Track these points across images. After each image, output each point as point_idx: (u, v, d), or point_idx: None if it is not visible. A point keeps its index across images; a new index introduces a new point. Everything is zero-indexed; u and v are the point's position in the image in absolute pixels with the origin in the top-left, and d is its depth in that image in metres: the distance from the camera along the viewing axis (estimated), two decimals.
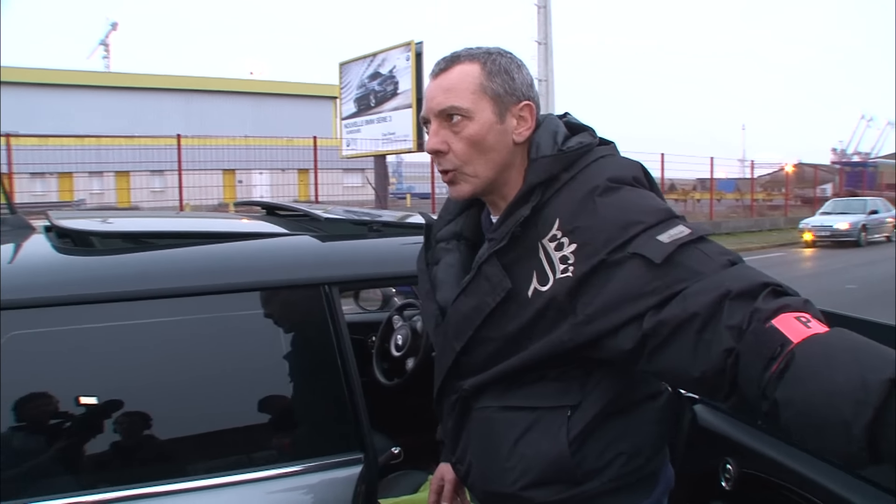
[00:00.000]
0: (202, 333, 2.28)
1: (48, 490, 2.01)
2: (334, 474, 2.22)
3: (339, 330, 2.32)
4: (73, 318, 2.13)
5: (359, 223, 2.75)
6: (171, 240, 2.46)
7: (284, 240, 2.58)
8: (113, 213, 3.87)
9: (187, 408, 2.23)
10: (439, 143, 1.79)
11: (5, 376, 1.98)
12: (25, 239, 2.53)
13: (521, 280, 1.73)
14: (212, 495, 2.12)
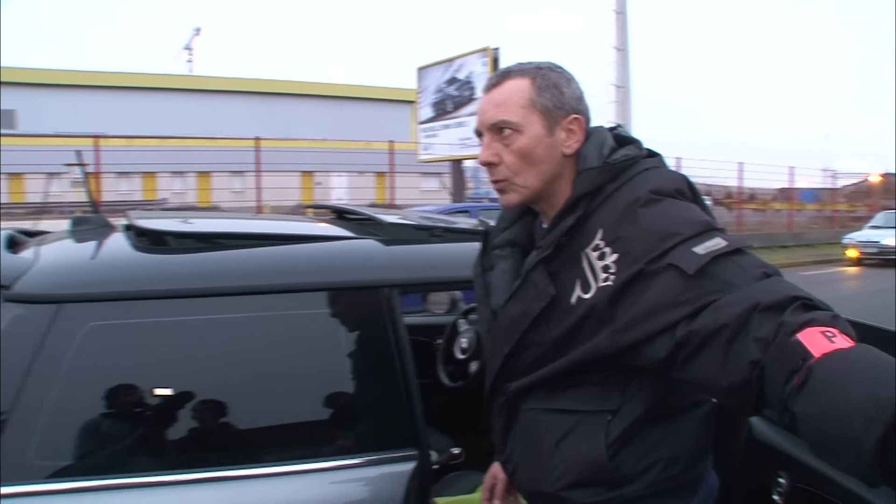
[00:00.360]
0: (269, 330, 2.39)
1: (126, 469, 2.17)
2: (389, 469, 2.31)
3: (399, 331, 2.41)
4: (146, 311, 2.27)
5: (421, 228, 2.82)
6: (241, 240, 2.58)
7: (349, 243, 2.68)
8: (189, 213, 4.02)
9: (253, 400, 2.35)
10: (491, 156, 1.87)
11: (83, 363, 2.15)
12: (106, 237, 2.67)
13: (566, 287, 1.80)
14: (277, 482, 2.24)
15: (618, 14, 23.45)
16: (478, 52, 21.99)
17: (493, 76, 1.93)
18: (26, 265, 2.29)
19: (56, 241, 2.72)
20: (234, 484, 2.22)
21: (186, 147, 32.61)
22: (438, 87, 23.68)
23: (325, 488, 2.27)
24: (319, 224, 3.17)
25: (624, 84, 23.36)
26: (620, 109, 22.70)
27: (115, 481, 2.14)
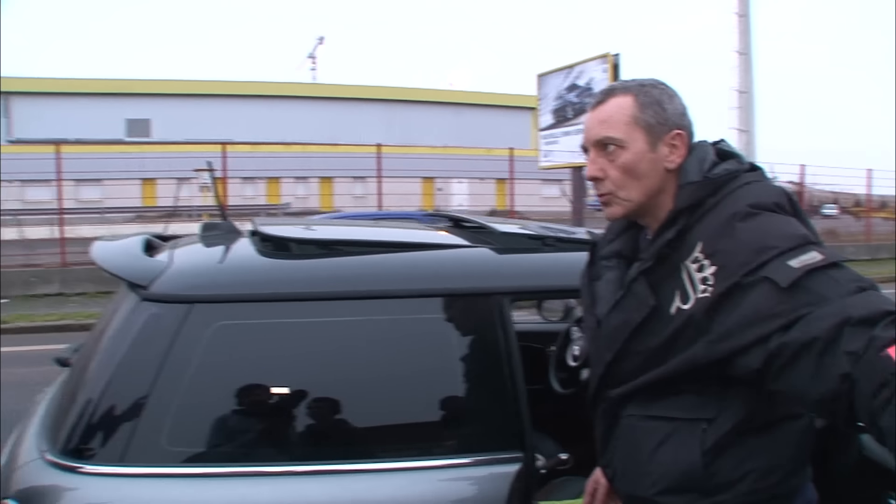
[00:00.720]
0: (384, 333, 2.52)
1: (247, 459, 2.36)
2: (495, 469, 2.41)
3: (509, 337, 2.50)
4: (270, 313, 2.45)
5: (534, 237, 2.90)
6: (360, 247, 2.72)
7: (463, 251, 2.79)
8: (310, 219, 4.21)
9: (368, 399, 2.50)
10: (596, 171, 1.97)
11: (211, 359, 2.35)
12: (234, 242, 2.85)
13: (666, 298, 1.85)
14: (387, 477, 2.38)
15: (740, 17, 22.85)
16: (598, 58, 21.74)
17: (599, 93, 2.02)
18: (162, 267, 2.50)
19: (187, 244, 2.92)
20: (347, 477, 2.36)
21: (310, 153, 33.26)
22: (558, 93, 23.49)
23: (433, 485, 2.39)
24: (434, 232, 3.28)
25: (747, 89, 22.79)
26: (743, 115, 22.14)
27: (237, 469, 2.33)
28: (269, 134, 43.00)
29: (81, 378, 2.56)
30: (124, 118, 48.31)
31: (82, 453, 2.28)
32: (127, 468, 2.25)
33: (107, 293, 17.36)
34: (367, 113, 51.15)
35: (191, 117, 47.02)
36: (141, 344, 2.35)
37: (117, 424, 2.30)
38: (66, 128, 41.02)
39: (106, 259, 2.70)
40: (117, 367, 2.35)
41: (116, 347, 2.40)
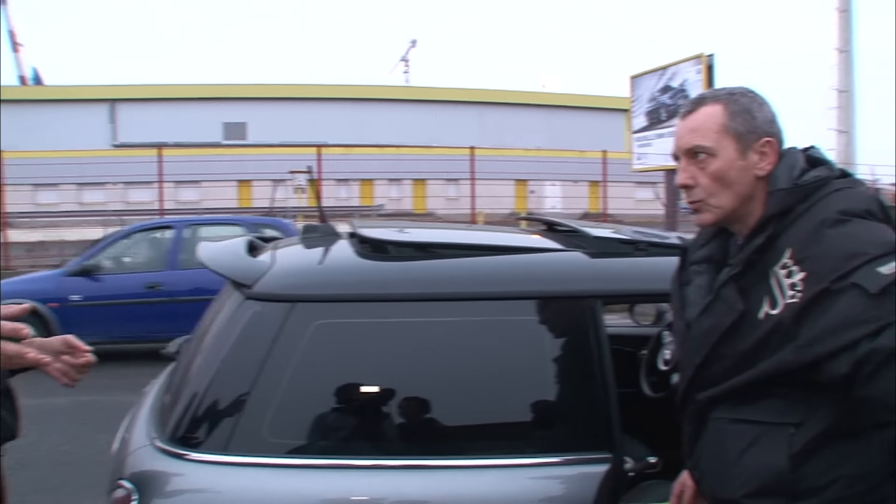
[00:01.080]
0: (478, 334, 2.60)
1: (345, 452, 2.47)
2: (584, 469, 2.46)
3: (601, 339, 2.55)
4: (368, 313, 2.56)
5: (626, 242, 2.94)
6: (456, 250, 2.80)
7: (556, 255, 2.85)
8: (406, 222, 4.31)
9: (462, 397, 2.58)
10: (687, 179, 2.00)
11: (311, 356, 2.47)
12: (333, 244, 2.96)
13: (755, 303, 1.87)
14: (480, 474, 2.45)
15: (841, 13, 22.14)
16: (691, 59, 21.45)
17: (689, 102, 2.05)
18: (265, 268, 2.62)
19: (288, 246, 3.05)
20: (439, 473, 2.44)
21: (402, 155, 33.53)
22: (652, 95, 23.26)
23: (523, 482, 2.45)
24: (528, 236, 3.34)
25: (847, 88, 22.14)
26: (843, 115, 21.52)
27: (334, 461, 2.43)
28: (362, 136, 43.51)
29: (188, 371, 2.71)
30: (221, 122, 49.31)
31: (189, 441, 2.43)
32: (230, 457, 2.38)
33: None
34: (461, 115, 51.26)
35: (286, 120, 47.75)
36: (245, 340, 2.48)
37: (222, 416, 2.43)
38: (167, 132, 42.13)
39: (212, 259, 2.84)
40: (223, 362, 2.48)
41: (222, 343, 2.54)
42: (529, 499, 2.44)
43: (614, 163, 24.13)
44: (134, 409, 3.30)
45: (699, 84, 20.82)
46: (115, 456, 2.91)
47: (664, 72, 22.66)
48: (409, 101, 53.10)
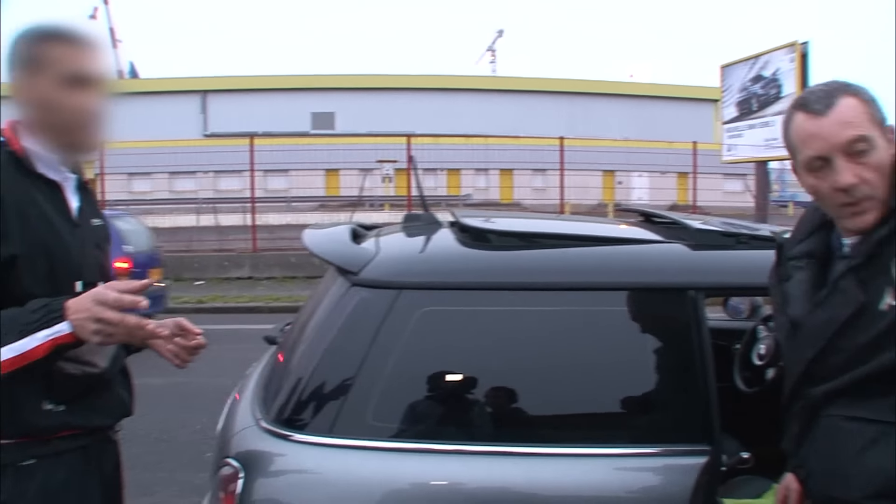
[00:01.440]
0: (579, 323, 2.61)
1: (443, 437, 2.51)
2: (682, 461, 2.45)
3: (702, 332, 2.54)
4: (471, 301, 2.59)
5: (727, 234, 2.91)
6: (558, 240, 2.81)
7: (658, 246, 2.84)
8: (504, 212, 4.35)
9: (560, 385, 2.59)
10: (854, 177, 1.87)
11: (416, 342, 2.52)
12: (435, 232, 3.00)
13: (874, 295, 1.83)
14: (576, 462, 2.47)
15: None
16: (784, 47, 20.96)
17: (817, 100, 1.93)
18: (371, 255, 2.67)
19: (390, 234, 3.10)
20: (537, 460, 2.46)
21: (490, 145, 33.55)
22: (743, 84, 22.86)
23: (621, 472, 2.47)
24: (627, 227, 3.34)
25: None
26: None
27: (435, 446, 2.47)
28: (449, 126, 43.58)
29: (293, 355, 2.78)
30: (310, 112, 49.92)
31: (294, 423, 2.49)
32: (334, 439, 2.43)
33: (293, 278, 18.16)
34: (548, 105, 51.05)
35: (373, 110, 48.15)
36: (351, 326, 2.53)
37: (327, 399, 2.49)
38: (256, 121, 42.81)
39: (318, 246, 2.91)
40: (329, 347, 2.54)
41: (328, 328, 2.59)
42: (626, 488, 2.46)
43: (703, 154, 23.80)
44: (237, 390, 3.38)
45: (792, 73, 20.41)
46: (220, 435, 3.01)
47: (756, 61, 22.25)
48: (496, 90, 53.08)
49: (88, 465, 2.38)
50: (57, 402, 2.24)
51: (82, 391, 2.30)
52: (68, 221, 2.33)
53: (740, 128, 23.08)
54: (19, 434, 2.20)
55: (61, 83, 2.16)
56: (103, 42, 2.27)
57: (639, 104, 52.88)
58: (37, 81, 2.17)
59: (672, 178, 31.29)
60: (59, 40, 2.19)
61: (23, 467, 2.22)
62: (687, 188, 25.99)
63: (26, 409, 2.19)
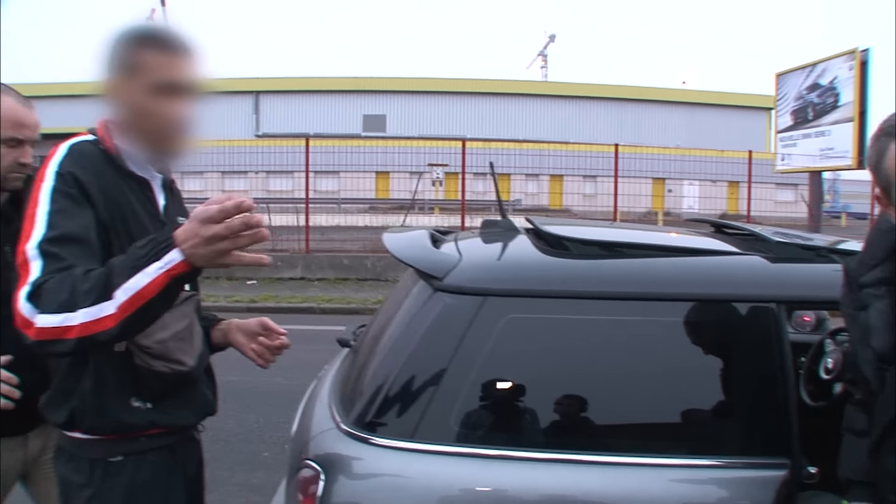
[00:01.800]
0: (660, 334, 2.62)
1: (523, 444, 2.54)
2: (761, 473, 2.46)
3: (783, 344, 2.54)
4: (555, 308, 2.60)
5: (807, 248, 2.92)
6: (639, 250, 2.84)
7: (739, 258, 2.83)
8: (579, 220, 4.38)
9: (641, 395, 2.60)
10: None
11: (500, 348, 2.53)
12: (514, 239, 3.03)
13: None
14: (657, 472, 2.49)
15: None
16: (843, 54, 20.73)
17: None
18: (455, 261, 2.69)
19: (468, 239, 3.11)
20: (619, 469, 2.47)
21: (541, 150, 33.43)
22: (799, 93, 22.69)
23: (700, 483, 2.49)
24: (704, 238, 3.35)
25: None
26: None
27: (518, 453, 2.49)
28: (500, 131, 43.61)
29: (373, 359, 2.80)
30: (362, 114, 50.26)
31: (375, 427, 2.52)
32: (417, 444, 2.46)
33: (345, 280, 18.26)
34: (598, 111, 50.99)
35: (423, 113, 48.41)
36: (436, 331, 2.55)
37: (410, 403, 2.51)
38: (308, 123, 43.15)
39: (401, 250, 2.94)
40: (412, 352, 2.56)
41: (411, 333, 2.61)
42: (705, 499, 2.47)
43: (755, 163, 23.54)
44: (310, 392, 3.43)
45: (851, 81, 20.19)
46: (296, 437, 3.05)
47: (812, 69, 22.06)
48: (546, 95, 53.04)
49: (174, 463, 2.43)
50: (144, 399, 2.29)
51: (169, 389, 2.34)
52: (156, 219, 2.36)
53: (794, 137, 22.91)
54: (109, 430, 2.26)
55: (153, 90, 2.19)
56: (199, 48, 2.30)
57: (690, 111, 52.56)
58: (130, 86, 2.20)
59: (723, 186, 31.01)
60: (156, 47, 2.21)
61: (111, 463, 2.28)
62: (738, 197, 25.73)
63: (116, 406, 2.24)
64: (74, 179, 2.11)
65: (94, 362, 2.20)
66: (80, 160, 2.18)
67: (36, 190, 2.11)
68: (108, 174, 2.22)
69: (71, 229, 2.03)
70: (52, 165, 2.15)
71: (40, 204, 2.06)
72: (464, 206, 20.85)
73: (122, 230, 2.20)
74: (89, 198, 2.12)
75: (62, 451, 2.36)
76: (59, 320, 1.85)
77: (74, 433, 2.28)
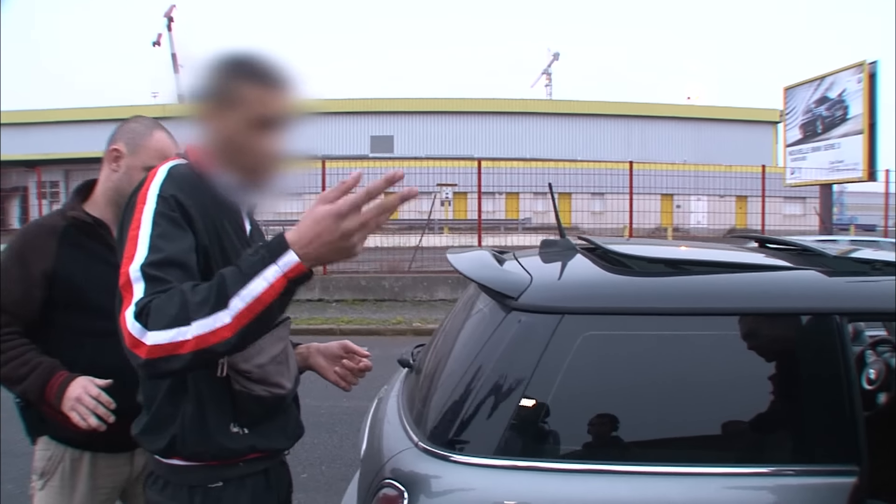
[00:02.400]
0: (729, 348, 2.70)
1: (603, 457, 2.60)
2: (830, 480, 2.53)
3: (847, 355, 2.61)
4: (629, 325, 2.68)
5: (862, 261, 3.00)
6: (704, 267, 2.91)
7: (800, 273, 2.91)
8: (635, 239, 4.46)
9: (713, 406, 2.68)
10: None
11: (578, 365, 2.60)
12: (571, 258, 3.11)
13: None
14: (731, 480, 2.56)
15: None
16: (852, 67, 20.78)
17: None
18: (527, 280, 2.77)
19: (529, 258, 3.17)
20: (696, 479, 2.53)
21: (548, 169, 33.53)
22: (807, 107, 22.76)
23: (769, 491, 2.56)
24: (760, 254, 3.44)
25: None
26: None
27: (598, 466, 2.55)
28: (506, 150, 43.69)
29: (446, 377, 2.85)
30: (369, 135, 50.43)
31: (454, 444, 2.57)
32: (500, 460, 2.52)
33: (363, 301, 18.34)
34: (604, 129, 51.13)
35: (430, 133, 48.53)
36: (514, 350, 2.62)
37: (492, 420, 2.57)
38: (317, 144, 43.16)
39: (472, 270, 2.99)
40: (492, 370, 2.62)
41: (488, 352, 2.67)
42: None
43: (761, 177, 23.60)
44: (373, 413, 3.51)
45: (859, 94, 20.23)
46: (366, 458, 3.10)
47: (820, 82, 22.13)
48: (552, 114, 53.19)
49: (269, 488, 2.44)
50: (242, 424, 2.30)
51: (267, 413, 2.35)
52: (245, 243, 2.36)
53: (804, 150, 22.96)
54: (210, 457, 2.26)
55: (250, 125, 2.19)
56: (298, 79, 2.27)
57: (696, 127, 52.67)
58: (226, 117, 2.20)
59: (730, 201, 31.06)
60: (256, 80, 2.19)
61: (211, 489, 2.28)
62: (746, 212, 25.80)
63: (216, 432, 2.24)
64: (177, 202, 2.12)
65: (193, 388, 2.21)
66: (181, 183, 2.18)
67: (138, 212, 2.10)
68: (204, 197, 2.22)
69: (172, 253, 2.02)
70: (153, 188, 2.14)
71: (143, 226, 2.06)
72: (480, 226, 20.93)
73: (218, 252, 2.21)
74: (190, 221, 2.13)
75: (156, 477, 2.36)
76: (172, 335, 1.82)
77: (172, 460, 2.28)
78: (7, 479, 6.63)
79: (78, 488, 3.07)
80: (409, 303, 18.50)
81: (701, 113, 54.27)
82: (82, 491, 3.08)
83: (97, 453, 3.08)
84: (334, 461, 7.15)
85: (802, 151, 23.12)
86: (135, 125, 3.13)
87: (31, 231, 3.06)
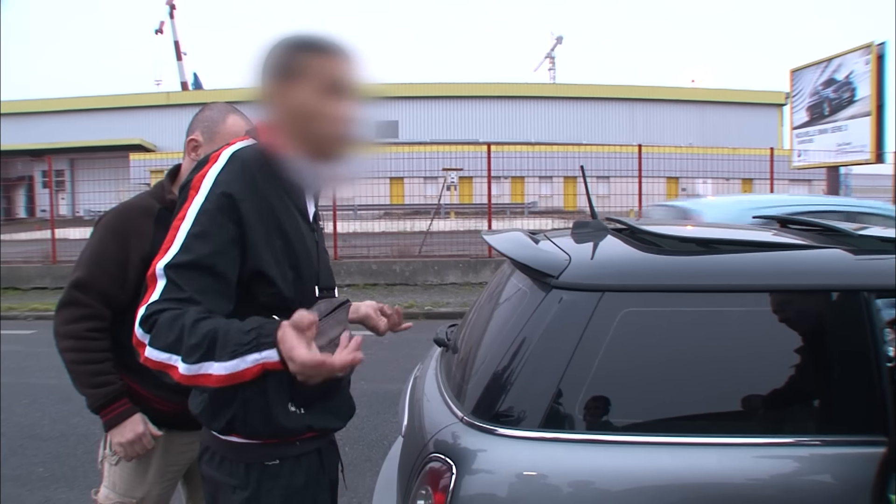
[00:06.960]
0: (764, 323, 2.79)
1: (640, 430, 2.68)
2: (860, 451, 2.62)
3: (875, 329, 2.72)
4: (665, 301, 2.77)
5: (886, 240, 3.11)
6: (736, 246, 3.02)
7: (827, 251, 3.00)
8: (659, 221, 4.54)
9: (746, 379, 2.75)
10: None
11: (618, 341, 2.69)
12: (604, 238, 3.21)
13: None
14: (757, 450, 2.65)
15: None
16: (859, 48, 20.66)
17: None
18: (566, 259, 2.86)
19: (563, 238, 3.27)
20: (733, 450, 2.63)
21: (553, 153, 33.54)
22: (814, 89, 22.68)
23: (799, 460, 2.64)
24: (788, 234, 3.54)
25: None
26: None
27: (635, 438, 2.65)
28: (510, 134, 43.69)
29: (487, 354, 2.94)
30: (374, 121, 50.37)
31: (499, 418, 2.67)
32: (545, 433, 2.62)
33: (374, 285, 18.44)
34: (608, 112, 51.06)
35: (434, 118, 48.53)
36: (556, 326, 2.71)
37: (536, 394, 2.66)
38: None
39: (512, 250, 3.10)
40: (535, 346, 2.71)
41: (531, 329, 2.76)
42: (807, 474, 2.62)
43: (767, 160, 23.60)
44: (410, 390, 3.62)
45: (867, 76, 20.16)
46: (408, 434, 3.20)
47: (827, 64, 22.06)
48: (557, 98, 53.13)
49: (322, 467, 2.53)
50: (298, 405, 2.38)
51: (322, 395, 2.43)
52: (309, 227, 2.45)
53: (811, 133, 22.91)
54: (268, 435, 2.34)
55: (321, 91, 2.24)
56: (358, 53, 2.34)
57: (701, 109, 52.59)
58: (295, 89, 2.25)
59: (736, 184, 31.08)
60: (320, 51, 2.27)
61: (268, 467, 2.36)
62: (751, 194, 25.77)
63: (275, 411, 2.32)
64: (226, 197, 2.15)
65: None
66: (241, 169, 2.21)
67: (188, 201, 2.16)
68: (266, 180, 2.26)
69: (201, 256, 2.09)
70: (209, 176, 2.19)
71: (185, 220, 2.13)
72: (490, 210, 21.00)
73: (278, 235, 2.26)
74: (240, 217, 2.17)
75: (213, 453, 2.43)
76: (165, 358, 1.98)
77: (231, 437, 2.36)
78: (36, 462, 6.77)
79: (153, 464, 3.18)
80: (420, 287, 18.60)
81: (705, 96, 54.11)
82: (156, 467, 3.18)
83: (171, 430, 3.19)
84: (357, 442, 7.30)
85: (809, 134, 23.07)
86: (209, 112, 3.21)
87: (130, 212, 3.10)
